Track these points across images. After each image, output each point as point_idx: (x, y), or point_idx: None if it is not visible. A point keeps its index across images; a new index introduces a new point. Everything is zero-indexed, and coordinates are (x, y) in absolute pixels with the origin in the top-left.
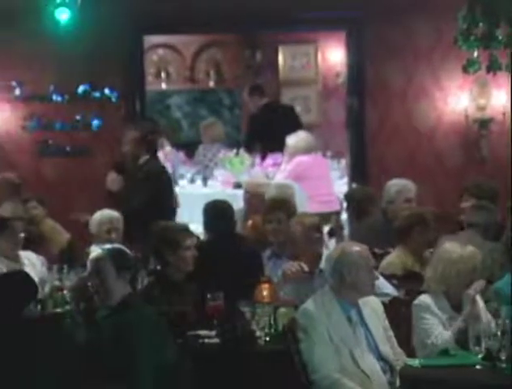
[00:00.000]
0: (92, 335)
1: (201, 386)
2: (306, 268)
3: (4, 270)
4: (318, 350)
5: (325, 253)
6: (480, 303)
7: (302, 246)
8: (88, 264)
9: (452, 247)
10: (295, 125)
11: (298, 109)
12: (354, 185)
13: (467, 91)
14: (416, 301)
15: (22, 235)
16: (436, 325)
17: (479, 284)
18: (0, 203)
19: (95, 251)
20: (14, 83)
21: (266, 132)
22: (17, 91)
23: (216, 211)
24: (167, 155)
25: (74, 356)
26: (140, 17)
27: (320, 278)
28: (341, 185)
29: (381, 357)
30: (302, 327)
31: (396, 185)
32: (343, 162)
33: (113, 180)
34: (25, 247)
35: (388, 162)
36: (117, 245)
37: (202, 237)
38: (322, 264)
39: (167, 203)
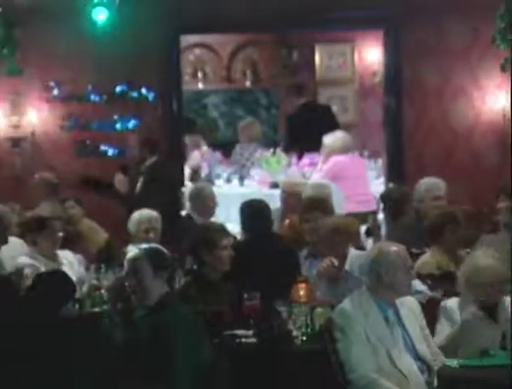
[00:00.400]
0: (130, 335)
1: (237, 385)
2: (336, 263)
3: (42, 269)
4: (356, 350)
5: (361, 253)
6: None
7: (326, 247)
8: (125, 264)
9: (480, 255)
10: (332, 125)
11: (335, 108)
12: (390, 185)
13: (506, 91)
14: (442, 302)
15: (60, 234)
16: (443, 332)
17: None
18: (38, 202)
19: (132, 251)
20: (52, 83)
21: (303, 132)
22: (55, 91)
23: (253, 211)
24: (203, 154)
25: (111, 356)
26: (177, 17)
27: (345, 279)
28: (378, 185)
29: (418, 357)
30: (339, 326)
31: (425, 183)
32: (380, 162)
33: (120, 181)
34: (63, 246)
35: (425, 161)
36: (154, 245)
37: (238, 236)
38: (347, 266)
39: (171, 205)
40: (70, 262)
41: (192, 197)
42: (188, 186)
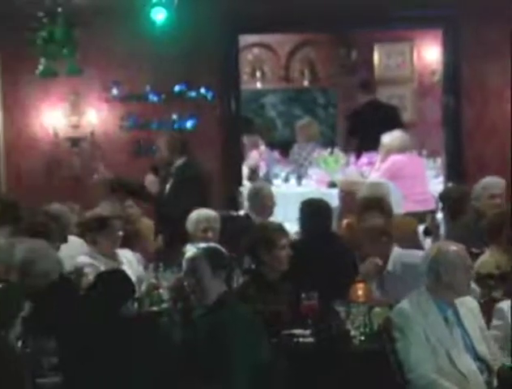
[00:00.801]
0: (189, 334)
1: (295, 385)
2: (380, 263)
3: (102, 268)
4: (415, 350)
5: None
6: None
7: (368, 249)
8: (184, 263)
9: None
10: (395, 125)
11: None
12: (449, 185)
13: None
14: (498, 304)
15: (120, 233)
16: (495, 333)
17: None
18: (97, 202)
19: (190, 250)
20: (111, 83)
21: (364, 130)
22: (114, 91)
23: (312, 210)
24: (261, 154)
25: (170, 355)
26: (235, 17)
27: (388, 279)
28: (436, 184)
29: (477, 357)
30: (398, 326)
31: (483, 181)
32: (439, 161)
33: (151, 182)
34: (122, 245)
35: (485, 161)
36: (212, 244)
37: (295, 236)
38: (390, 266)
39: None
40: (130, 261)
41: (250, 196)
42: (246, 186)
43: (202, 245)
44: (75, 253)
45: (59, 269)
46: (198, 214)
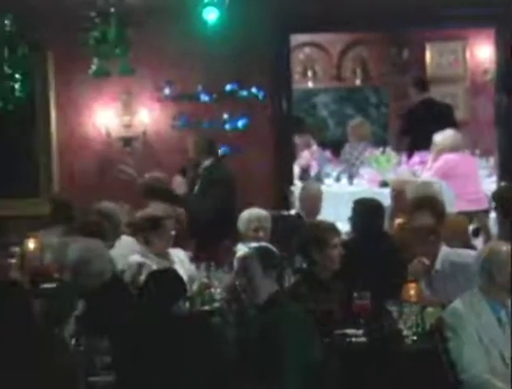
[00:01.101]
0: (241, 334)
1: (347, 385)
2: (427, 262)
3: (154, 267)
4: (468, 350)
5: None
6: None
7: (416, 249)
8: (235, 263)
9: None
10: (448, 124)
11: None
12: (502, 184)
13: None
14: None
15: (172, 233)
16: None
17: None
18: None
19: (241, 250)
20: (163, 83)
21: (417, 128)
22: (166, 91)
23: (365, 209)
24: (313, 153)
25: (222, 354)
26: (287, 16)
27: (436, 278)
28: (489, 184)
29: None
30: (451, 326)
31: None
32: (492, 160)
33: (179, 183)
34: (174, 245)
35: None
36: (263, 244)
37: (347, 235)
38: (438, 265)
39: (227, 207)
40: (182, 261)
41: (300, 196)
42: (297, 185)
43: (254, 244)
44: (127, 252)
45: (112, 269)
46: (250, 213)
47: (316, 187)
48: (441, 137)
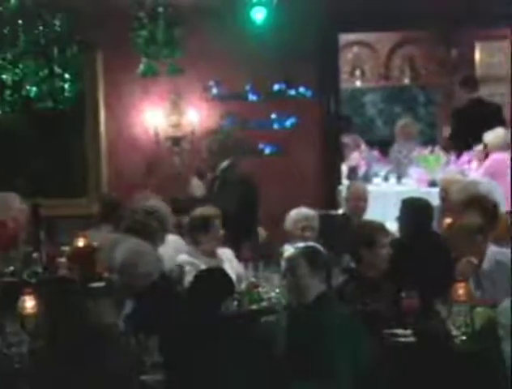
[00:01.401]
0: (289, 333)
1: (396, 385)
2: (475, 261)
3: (202, 266)
4: None
5: None
6: None
7: (463, 248)
8: (283, 262)
9: None
10: (497, 123)
11: None
12: None
13: None
14: None
15: (221, 232)
16: None
17: None
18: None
19: (289, 249)
20: (211, 83)
21: (466, 128)
22: (214, 91)
23: (413, 209)
24: (361, 153)
25: (270, 354)
26: (335, 15)
27: (484, 278)
28: None
29: None
30: (503, 325)
31: None
32: None
33: (196, 185)
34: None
35: None
36: (310, 244)
37: (395, 235)
38: (485, 264)
39: (243, 210)
40: (230, 260)
41: (345, 195)
42: (345, 185)
43: (301, 244)
44: (175, 251)
45: (160, 269)
46: (297, 213)
47: (361, 187)
48: (491, 136)
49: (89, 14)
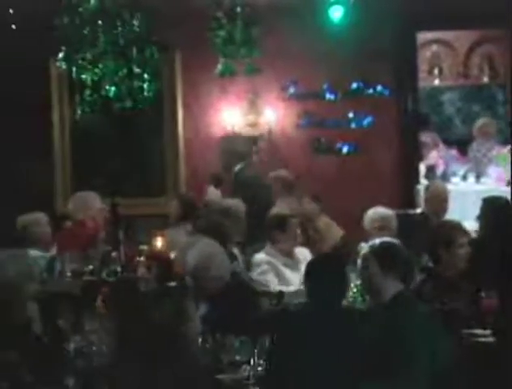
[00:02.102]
0: (365, 332)
1: (475, 385)
2: None
3: (280, 266)
4: None
5: None
6: None
7: None
8: (358, 261)
9: None
10: None
11: None
12: None
13: None
14: None
15: (298, 232)
16: None
17: None
18: (275, 200)
19: (364, 248)
20: (288, 82)
21: None
22: (291, 90)
23: (494, 208)
24: (439, 151)
25: (348, 353)
26: (413, 13)
27: None
28: None
29: None
30: None
31: None
32: None
33: (212, 194)
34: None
35: None
36: (386, 241)
37: (474, 234)
38: None
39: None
40: (307, 259)
41: (425, 196)
42: (423, 184)
43: (373, 242)
44: None
45: (231, 270)
46: (374, 212)
47: (441, 186)
48: None
49: (168, 15)
